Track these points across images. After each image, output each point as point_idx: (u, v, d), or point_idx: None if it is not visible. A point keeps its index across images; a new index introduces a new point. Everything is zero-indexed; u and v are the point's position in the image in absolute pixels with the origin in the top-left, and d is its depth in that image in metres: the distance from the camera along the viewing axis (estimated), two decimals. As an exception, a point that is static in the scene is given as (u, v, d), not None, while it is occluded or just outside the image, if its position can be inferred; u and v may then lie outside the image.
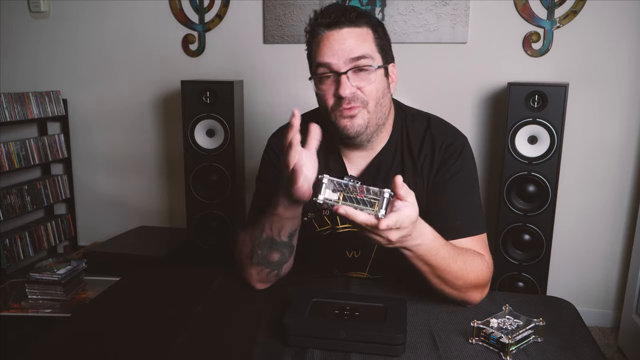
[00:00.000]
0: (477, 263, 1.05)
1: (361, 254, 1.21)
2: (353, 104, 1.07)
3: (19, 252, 2.45)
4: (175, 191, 2.70)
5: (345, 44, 1.07)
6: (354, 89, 1.07)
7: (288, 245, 1.08)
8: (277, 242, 1.07)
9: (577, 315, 1.06)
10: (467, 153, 1.17)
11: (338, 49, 1.06)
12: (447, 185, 1.14)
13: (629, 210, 2.28)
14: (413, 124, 1.20)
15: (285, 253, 1.09)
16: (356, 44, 1.07)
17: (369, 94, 1.09)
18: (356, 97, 1.08)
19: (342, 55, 1.06)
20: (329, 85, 1.09)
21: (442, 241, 0.99)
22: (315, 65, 1.10)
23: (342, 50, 1.06)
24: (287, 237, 1.07)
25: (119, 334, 0.97)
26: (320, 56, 1.08)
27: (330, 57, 1.07)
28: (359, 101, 1.08)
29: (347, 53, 1.06)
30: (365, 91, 1.08)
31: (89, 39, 2.65)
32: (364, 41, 1.08)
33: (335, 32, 1.08)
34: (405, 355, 0.89)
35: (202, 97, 2.26)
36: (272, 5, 2.41)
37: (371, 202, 0.85)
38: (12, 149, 2.38)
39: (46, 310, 1.63)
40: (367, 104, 1.09)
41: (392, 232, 0.86)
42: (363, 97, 1.08)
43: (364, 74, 1.08)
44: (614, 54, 2.18)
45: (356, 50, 1.07)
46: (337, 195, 0.86)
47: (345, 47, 1.06)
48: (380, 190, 0.84)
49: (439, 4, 2.27)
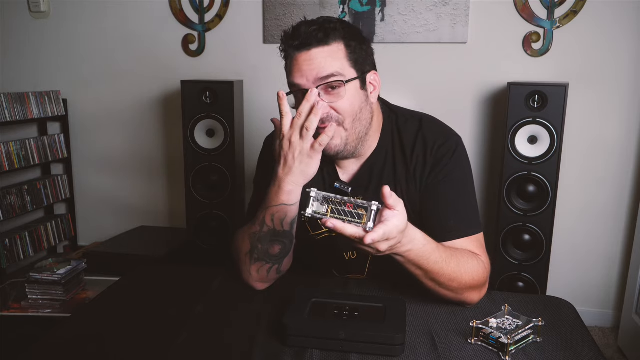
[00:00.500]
0: (472, 264, 1.05)
1: (358, 255, 1.21)
2: (327, 123, 1.06)
3: (19, 252, 2.45)
4: (175, 191, 2.70)
5: (314, 64, 1.05)
6: (327, 108, 1.06)
7: (289, 234, 1.09)
8: (278, 233, 1.07)
9: (576, 315, 1.06)
10: (461, 153, 1.16)
11: (306, 69, 1.05)
12: (440, 186, 1.14)
13: (629, 210, 2.28)
14: (405, 125, 1.19)
15: (286, 244, 1.10)
16: (324, 63, 1.05)
17: (344, 111, 1.07)
18: (330, 116, 1.07)
19: (310, 75, 1.05)
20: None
21: (433, 245, 0.99)
22: (289, 84, 1.10)
23: (310, 71, 1.05)
24: (288, 226, 1.08)
25: (118, 334, 0.97)
26: (291, 77, 1.08)
27: (300, 79, 1.07)
28: (334, 119, 1.07)
29: (316, 73, 1.05)
30: (339, 108, 1.07)
31: (89, 39, 2.65)
32: (334, 59, 1.06)
33: (304, 54, 1.06)
34: (405, 355, 0.89)
35: (202, 97, 2.26)
36: (272, 5, 2.41)
37: (359, 215, 0.86)
38: (12, 149, 2.38)
39: (46, 310, 1.63)
40: (343, 121, 1.08)
41: (381, 244, 0.88)
42: (337, 115, 1.07)
43: (336, 92, 1.07)
44: (614, 54, 2.18)
45: (324, 69, 1.05)
46: (325, 208, 0.87)
47: (313, 67, 1.05)
48: (368, 203, 0.86)
49: (439, 4, 2.27)
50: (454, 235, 1.08)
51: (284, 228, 1.07)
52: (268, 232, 1.08)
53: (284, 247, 1.10)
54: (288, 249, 1.11)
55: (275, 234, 1.08)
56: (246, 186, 2.49)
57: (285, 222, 1.07)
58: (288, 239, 1.10)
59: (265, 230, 1.07)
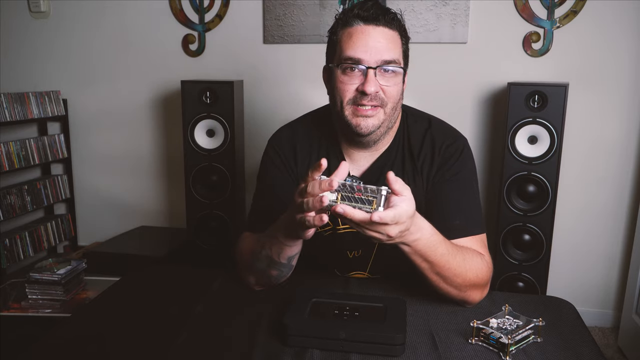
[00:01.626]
0: (476, 262, 1.05)
1: (362, 253, 1.21)
2: (374, 102, 1.07)
3: (19, 252, 2.45)
4: (175, 191, 2.70)
5: (380, 43, 1.07)
6: (379, 87, 1.07)
7: (287, 266, 1.08)
8: (275, 262, 1.06)
9: (576, 315, 1.06)
10: (467, 154, 1.18)
11: (372, 46, 1.06)
12: (446, 186, 1.14)
13: (629, 210, 2.28)
14: (414, 124, 1.20)
15: (283, 271, 1.09)
16: (389, 46, 1.08)
17: (390, 96, 1.09)
18: (378, 96, 1.08)
19: (375, 54, 1.06)
20: (353, 78, 1.08)
21: (440, 237, 0.99)
22: (344, 57, 1.08)
23: (375, 49, 1.06)
24: (286, 260, 1.06)
25: (119, 334, 0.97)
26: (351, 49, 1.07)
27: (363, 53, 1.06)
28: (379, 100, 1.08)
29: (380, 54, 1.06)
30: (387, 92, 1.08)
31: (89, 39, 2.65)
32: (395, 45, 1.09)
33: (372, 28, 1.07)
34: (405, 355, 0.89)
35: (202, 97, 2.26)
36: (272, 5, 2.41)
37: (369, 201, 0.85)
38: (12, 149, 2.38)
39: (46, 310, 1.63)
40: (386, 104, 1.09)
41: (391, 227, 0.86)
42: (383, 98, 1.08)
43: (390, 76, 1.08)
44: (614, 54, 2.18)
45: (388, 53, 1.07)
46: (335, 196, 0.86)
47: (379, 46, 1.06)
48: (377, 188, 0.85)
49: (439, 4, 2.27)
50: (458, 233, 1.09)
51: (281, 261, 1.06)
52: (266, 257, 1.06)
53: (280, 273, 1.09)
54: (285, 274, 1.11)
55: (273, 261, 1.06)
56: (246, 186, 2.49)
57: (282, 256, 1.05)
58: (286, 269, 1.09)
59: (263, 254, 1.06)
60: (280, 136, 1.25)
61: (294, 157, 1.22)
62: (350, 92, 1.08)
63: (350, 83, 1.08)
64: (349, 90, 1.08)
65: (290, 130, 1.26)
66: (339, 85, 1.10)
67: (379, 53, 1.06)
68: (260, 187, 1.25)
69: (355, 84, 1.08)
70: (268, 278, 1.11)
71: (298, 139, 1.23)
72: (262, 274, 1.10)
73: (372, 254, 1.21)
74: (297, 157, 1.21)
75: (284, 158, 1.22)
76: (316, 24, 2.39)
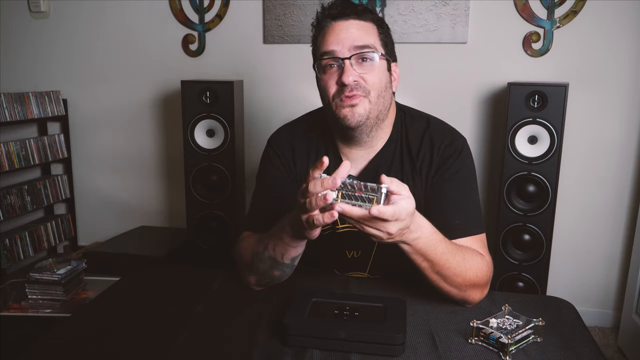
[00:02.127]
0: (476, 261, 1.05)
1: (361, 253, 1.21)
2: (355, 91, 1.08)
3: (19, 252, 2.45)
4: (175, 191, 2.70)
5: (350, 32, 1.09)
6: (357, 77, 1.08)
7: (290, 266, 1.08)
8: (279, 263, 1.06)
9: (576, 315, 1.06)
10: (466, 153, 1.18)
11: (343, 37, 1.08)
12: (446, 185, 1.14)
13: (629, 210, 2.28)
14: (412, 124, 1.20)
15: (286, 272, 1.09)
16: (360, 34, 1.09)
17: (372, 84, 1.09)
18: (358, 85, 1.08)
19: (346, 43, 1.08)
20: (332, 74, 1.10)
21: (440, 236, 1.00)
22: (320, 55, 1.11)
23: (347, 39, 1.08)
24: (289, 260, 1.06)
25: (118, 334, 0.97)
26: (325, 45, 1.10)
27: (335, 45, 1.08)
28: (361, 89, 1.08)
29: (352, 41, 1.08)
30: (368, 80, 1.09)
31: (89, 38, 2.65)
32: (369, 34, 1.10)
33: (341, 22, 1.10)
34: (405, 355, 0.89)
35: (202, 97, 2.26)
36: (272, 5, 2.41)
37: (369, 199, 0.85)
38: (12, 149, 2.38)
39: (46, 310, 1.63)
40: (369, 92, 1.09)
41: (391, 224, 0.86)
42: (365, 85, 1.09)
43: (367, 64, 1.09)
44: (614, 54, 2.18)
45: (360, 39, 1.08)
46: (335, 194, 0.86)
47: (350, 35, 1.08)
48: (377, 186, 0.85)
49: (439, 4, 2.27)
50: (458, 234, 1.08)
51: (284, 261, 1.06)
52: (269, 258, 1.06)
53: (282, 273, 1.09)
54: (287, 274, 1.11)
55: (276, 262, 1.06)
56: (246, 186, 2.49)
57: (285, 257, 1.05)
58: (289, 269, 1.09)
59: (266, 255, 1.06)
60: (279, 136, 1.26)
61: (293, 157, 1.22)
62: (332, 88, 1.10)
63: (331, 79, 1.10)
64: (331, 86, 1.10)
65: (288, 130, 1.26)
66: (321, 84, 1.12)
67: (350, 40, 1.08)
68: (259, 187, 1.25)
69: (335, 79, 1.09)
70: (270, 278, 1.11)
71: (296, 140, 1.23)
72: (264, 274, 1.10)
73: (371, 254, 1.21)
74: (295, 157, 1.22)
75: (283, 158, 1.22)
76: (316, 24, 2.39)
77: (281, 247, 1.03)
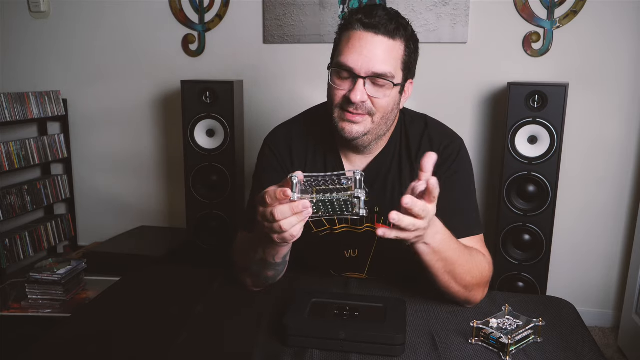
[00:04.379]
0: (480, 260, 1.07)
1: (359, 254, 1.21)
2: (360, 111, 1.07)
3: (19, 252, 2.45)
4: (175, 191, 2.70)
5: (373, 53, 1.04)
6: (366, 97, 1.06)
7: (282, 264, 1.08)
8: (270, 264, 1.06)
9: (576, 315, 1.06)
10: (464, 154, 1.18)
11: (365, 56, 1.04)
12: (445, 186, 1.14)
13: (629, 210, 2.28)
14: (411, 125, 1.21)
15: (279, 270, 1.09)
16: (383, 58, 1.05)
17: (379, 107, 1.08)
18: (365, 106, 1.07)
19: (366, 64, 1.04)
20: (343, 84, 1.08)
21: (449, 232, 1.01)
22: (336, 62, 1.08)
23: (367, 59, 1.04)
24: (280, 259, 1.05)
25: (119, 334, 0.97)
26: (345, 55, 1.06)
27: (354, 62, 1.05)
28: (366, 110, 1.07)
29: (372, 64, 1.04)
30: (376, 103, 1.07)
31: (89, 38, 2.65)
32: (391, 57, 1.06)
33: (370, 36, 1.05)
34: (405, 355, 0.89)
35: (202, 97, 2.26)
36: (272, 5, 2.41)
37: (345, 189, 0.83)
38: (12, 149, 2.38)
39: (46, 310, 1.62)
40: (373, 114, 1.08)
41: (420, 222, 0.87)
42: (371, 107, 1.08)
43: (381, 89, 1.07)
44: (614, 54, 2.17)
45: (381, 65, 1.05)
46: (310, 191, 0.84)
47: (371, 56, 1.04)
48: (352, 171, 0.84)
49: (439, 4, 2.27)
50: (458, 234, 1.08)
51: (275, 261, 1.05)
52: (261, 260, 1.06)
53: (276, 272, 1.09)
54: (281, 272, 1.11)
55: (267, 263, 1.06)
56: (246, 186, 2.49)
57: (276, 257, 1.04)
58: (281, 267, 1.09)
59: (257, 257, 1.05)
60: (276, 135, 1.25)
61: (290, 157, 1.22)
62: (338, 97, 1.09)
63: (340, 88, 1.08)
64: (338, 95, 1.09)
65: (286, 129, 1.26)
66: (330, 88, 1.11)
67: (371, 63, 1.04)
68: (256, 186, 1.24)
69: (344, 90, 1.08)
70: (265, 279, 1.10)
71: (294, 139, 1.23)
72: (258, 275, 1.09)
73: (369, 255, 1.21)
74: (292, 156, 1.21)
75: (280, 158, 1.22)
76: (316, 24, 2.39)
77: (270, 249, 1.01)
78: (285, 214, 0.84)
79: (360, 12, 1.07)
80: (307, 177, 0.86)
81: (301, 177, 0.86)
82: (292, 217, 0.84)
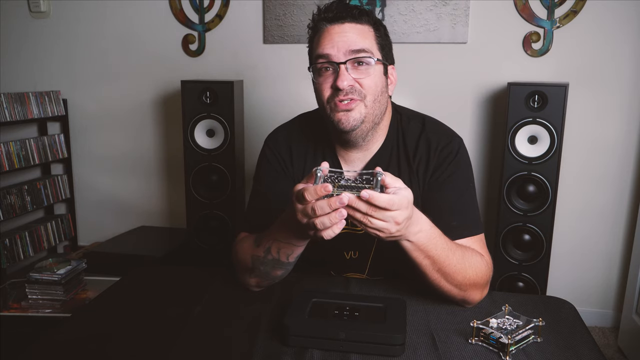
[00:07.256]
0: (475, 260, 1.05)
1: (359, 254, 1.21)
2: (350, 96, 1.07)
3: (19, 252, 2.45)
4: (175, 191, 2.70)
5: (346, 36, 1.08)
6: (352, 81, 1.07)
7: (293, 264, 1.08)
8: (282, 263, 1.06)
9: (576, 315, 1.06)
10: (463, 154, 1.17)
11: (338, 40, 1.07)
12: (443, 187, 1.14)
13: (629, 210, 2.28)
14: (408, 125, 1.20)
15: (288, 269, 1.10)
16: (357, 38, 1.08)
17: (367, 88, 1.09)
18: (354, 89, 1.08)
19: (342, 46, 1.07)
20: (327, 77, 1.09)
21: (438, 230, 1.00)
22: (315, 57, 1.11)
23: (342, 42, 1.07)
24: (294, 259, 1.06)
25: (119, 334, 0.97)
26: (320, 48, 1.09)
27: (330, 49, 1.08)
28: (357, 94, 1.08)
29: (347, 45, 1.07)
30: (364, 84, 1.08)
31: (89, 38, 2.65)
32: (365, 37, 1.09)
33: (337, 26, 1.09)
34: (405, 355, 0.89)
35: (202, 97, 2.26)
36: (272, 5, 2.41)
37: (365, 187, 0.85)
38: (12, 149, 2.38)
39: (46, 310, 1.63)
40: (364, 97, 1.09)
41: (397, 213, 0.85)
42: (361, 90, 1.08)
43: (363, 68, 1.08)
44: (614, 54, 2.18)
45: (356, 43, 1.07)
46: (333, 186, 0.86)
47: (345, 39, 1.07)
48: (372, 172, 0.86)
49: (439, 4, 2.27)
50: (457, 234, 1.08)
51: (289, 261, 1.06)
52: (272, 260, 1.06)
53: (285, 272, 1.10)
54: (289, 270, 1.11)
55: (279, 263, 1.06)
56: (246, 186, 2.49)
57: (291, 257, 1.05)
58: (291, 266, 1.09)
59: (269, 258, 1.06)
60: (276, 136, 1.25)
61: (290, 157, 1.22)
62: (327, 91, 1.09)
63: (326, 82, 1.09)
64: (326, 89, 1.09)
65: (285, 130, 1.26)
66: (317, 87, 1.12)
67: (346, 44, 1.07)
68: (256, 187, 1.25)
69: (329, 82, 1.09)
70: (272, 279, 1.11)
71: (294, 140, 1.23)
72: (266, 275, 1.09)
73: (370, 255, 1.21)
74: (293, 157, 1.22)
75: (280, 158, 1.22)
76: (316, 24, 2.39)
77: (287, 249, 1.02)
78: (325, 210, 0.85)
79: (321, 12, 1.12)
80: (330, 172, 0.88)
81: (326, 170, 0.88)
82: (333, 214, 0.85)
